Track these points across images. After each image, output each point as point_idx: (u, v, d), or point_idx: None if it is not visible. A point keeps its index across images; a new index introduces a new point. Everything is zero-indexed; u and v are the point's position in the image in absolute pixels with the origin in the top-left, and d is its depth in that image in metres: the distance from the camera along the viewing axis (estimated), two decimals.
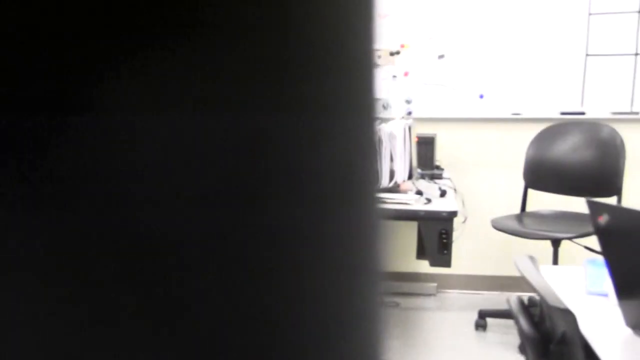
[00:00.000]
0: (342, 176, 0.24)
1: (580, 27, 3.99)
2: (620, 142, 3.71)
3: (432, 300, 4.21)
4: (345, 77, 0.24)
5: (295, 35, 0.22)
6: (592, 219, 1.23)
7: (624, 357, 1.19)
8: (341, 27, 0.24)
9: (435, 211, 2.78)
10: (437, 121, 4.14)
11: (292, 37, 0.22)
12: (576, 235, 3.41)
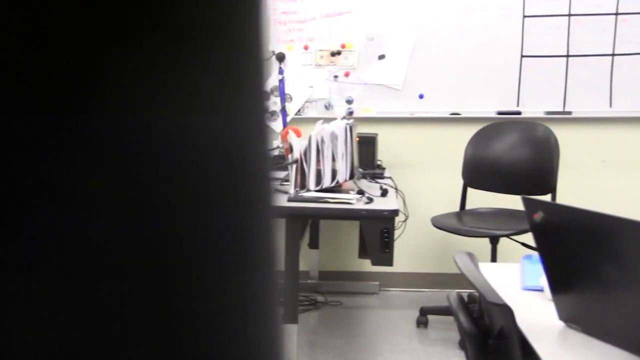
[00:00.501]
0: (232, 174, 0.24)
1: (516, 29, 4.07)
2: (554, 141, 3.81)
3: (375, 298, 4.25)
4: (232, 75, 0.24)
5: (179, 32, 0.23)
6: (527, 216, 1.26)
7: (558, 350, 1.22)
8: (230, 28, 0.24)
9: (376, 210, 2.80)
10: (378, 121, 4.18)
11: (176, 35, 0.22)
12: (513, 232, 3.48)
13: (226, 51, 0.24)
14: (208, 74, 0.23)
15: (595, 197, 4.16)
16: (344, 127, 3.09)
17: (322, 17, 4.16)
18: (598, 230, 1.14)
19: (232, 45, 0.25)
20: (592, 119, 4.12)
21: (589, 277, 1.19)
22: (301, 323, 3.23)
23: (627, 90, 4.05)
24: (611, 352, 1.15)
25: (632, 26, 4.02)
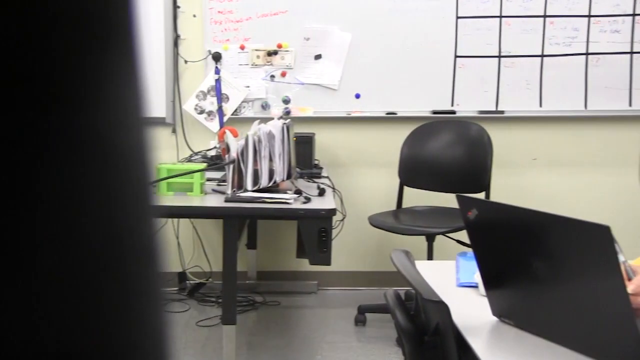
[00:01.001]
0: (110, 173, 0.24)
1: (449, 29, 4.14)
2: (487, 140, 3.89)
3: (313, 298, 4.26)
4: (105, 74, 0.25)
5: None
6: (462, 214, 1.29)
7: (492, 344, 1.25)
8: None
9: (314, 210, 2.81)
10: (315, 121, 4.19)
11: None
12: (449, 229, 3.54)
13: (98, 49, 0.24)
14: (76, 72, 0.23)
15: (527, 194, 4.26)
16: (281, 127, 3.09)
17: (258, 17, 4.15)
18: (529, 226, 1.17)
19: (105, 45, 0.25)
20: (523, 118, 4.22)
21: (520, 273, 1.22)
22: (239, 324, 3.22)
23: (556, 90, 4.17)
24: (542, 345, 1.19)
25: (559, 28, 4.13)
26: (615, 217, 4.05)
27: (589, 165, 4.30)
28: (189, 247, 4.31)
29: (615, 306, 1.05)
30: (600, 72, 4.15)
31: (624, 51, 4.13)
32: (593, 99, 4.17)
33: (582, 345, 1.14)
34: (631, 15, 4.11)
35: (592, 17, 4.12)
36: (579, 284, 1.11)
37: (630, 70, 4.14)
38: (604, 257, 1.02)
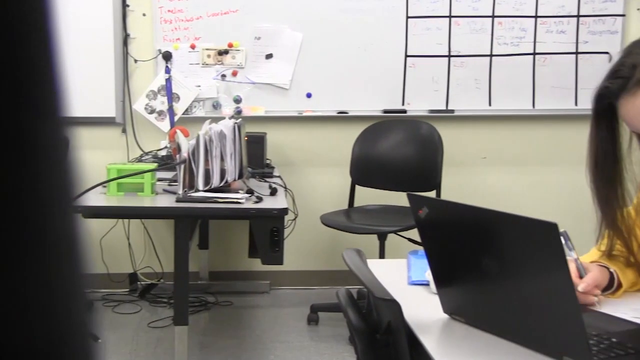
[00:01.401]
0: (28, 173, 0.24)
1: (400, 29, 4.17)
2: (438, 139, 3.92)
3: (265, 297, 4.25)
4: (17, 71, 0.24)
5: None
6: (413, 212, 1.30)
7: (443, 341, 1.26)
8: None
9: (266, 209, 2.80)
10: (266, 120, 4.18)
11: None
12: (400, 228, 3.56)
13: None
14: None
15: (477, 192, 4.31)
16: (233, 127, 3.07)
17: (208, 16, 4.12)
18: (479, 224, 1.18)
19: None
20: (473, 117, 4.28)
21: (470, 270, 1.23)
22: (192, 324, 3.19)
23: (505, 89, 4.23)
24: (492, 341, 1.20)
25: (507, 28, 4.19)
26: (563, 214, 4.13)
27: (537, 164, 4.37)
28: (140, 248, 4.26)
29: (563, 302, 1.07)
30: (547, 72, 4.23)
31: (570, 51, 4.22)
32: (541, 98, 4.25)
33: (530, 340, 1.16)
34: (576, 17, 4.20)
35: (539, 18, 4.19)
36: (527, 281, 1.13)
37: (576, 70, 4.23)
38: (552, 253, 1.04)
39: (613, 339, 1.16)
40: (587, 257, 1.51)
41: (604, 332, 1.18)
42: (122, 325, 3.76)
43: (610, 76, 1.34)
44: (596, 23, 4.21)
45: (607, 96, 1.36)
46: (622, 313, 1.32)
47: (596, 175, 1.44)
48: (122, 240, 4.22)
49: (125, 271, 4.26)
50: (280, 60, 4.16)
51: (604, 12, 4.20)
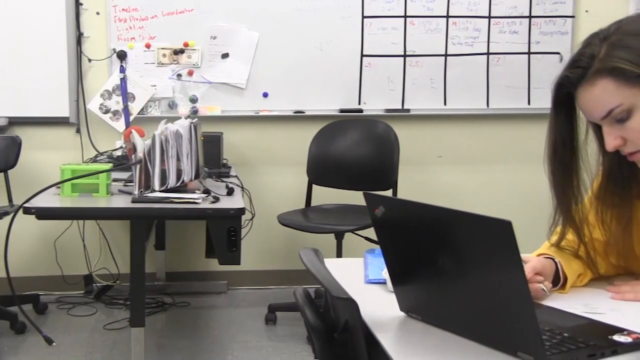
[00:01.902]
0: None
1: (355, 28, 4.19)
2: (394, 138, 3.95)
3: (223, 298, 4.23)
4: None
5: None
6: (369, 211, 1.30)
7: (400, 339, 1.27)
8: None
9: (223, 209, 2.78)
10: (223, 120, 4.16)
11: None
12: (357, 227, 3.58)
13: None
14: None
15: (433, 190, 4.36)
16: (189, 126, 3.05)
17: (163, 15, 4.08)
18: (434, 222, 1.20)
19: None
20: (428, 116, 4.32)
21: (426, 268, 1.24)
22: (148, 326, 3.16)
23: (460, 89, 4.28)
24: (448, 338, 1.22)
25: (461, 28, 4.24)
26: (517, 212, 4.20)
27: (491, 162, 4.43)
28: (96, 249, 4.21)
29: (517, 298, 1.08)
30: (500, 72, 4.29)
31: (522, 51, 4.29)
32: (494, 97, 4.31)
33: (485, 337, 1.17)
34: (527, 17, 4.27)
35: (492, 19, 4.25)
36: (482, 278, 1.15)
37: (529, 70, 4.30)
38: (506, 251, 1.06)
39: (565, 333, 1.18)
40: (538, 251, 1.54)
41: (556, 327, 1.20)
42: (77, 328, 3.70)
43: (570, 66, 1.37)
44: (547, 24, 4.29)
45: (566, 86, 1.38)
46: (574, 308, 1.35)
47: (554, 164, 1.46)
48: (76, 242, 4.17)
49: (80, 273, 4.20)
50: (236, 59, 4.14)
51: (555, 14, 4.28)
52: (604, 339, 1.17)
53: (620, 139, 1.35)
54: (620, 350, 1.14)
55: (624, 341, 1.16)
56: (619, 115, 1.32)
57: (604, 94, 1.32)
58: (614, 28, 1.34)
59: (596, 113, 1.35)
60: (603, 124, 1.37)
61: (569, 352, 1.11)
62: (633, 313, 1.34)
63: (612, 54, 1.31)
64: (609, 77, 1.31)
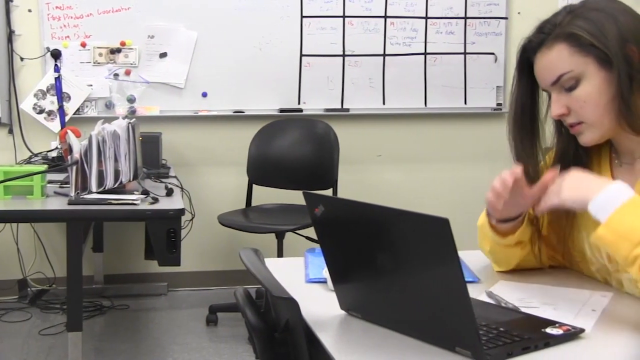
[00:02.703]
0: None
1: (295, 28, 4.20)
2: (334, 137, 3.98)
3: (163, 299, 4.19)
4: None
5: None
6: (309, 211, 1.31)
7: (340, 337, 1.28)
8: None
9: (162, 210, 2.76)
10: (161, 120, 4.12)
11: None
12: (298, 226, 3.59)
13: None
14: None
15: (373, 189, 4.39)
16: (126, 127, 3.02)
17: (99, 13, 4.01)
18: (373, 221, 1.21)
19: None
20: (367, 116, 4.36)
21: (366, 267, 1.26)
22: (86, 330, 3.10)
23: (398, 88, 4.33)
24: (388, 336, 1.23)
25: (399, 29, 4.29)
26: (454, 209, 4.27)
27: (429, 161, 4.50)
28: (30, 253, 4.11)
29: (454, 295, 1.10)
30: (438, 72, 4.35)
31: (458, 52, 4.36)
32: (432, 97, 4.37)
33: (424, 333, 1.19)
34: (463, 18, 4.34)
35: (429, 19, 4.31)
36: (421, 275, 1.16)
37: (465, 70, 4.38)
38: (444, 248, 1.07)
39: (501, 328, 1.21)
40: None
41: (493, 322, 1.23)
42: (11, 334, 3.61)
43: (535, 31, 1.43)
44: (482, 25, 4.37)
45: (527, 50, 1.44)
46: (509, 303, 1.38)
47: (514, 128, 1.50)
48: (10, 246, 4.06)
49: (13, 277, 4.10)
50: (174, 59, 4.10)
51: (489, 15, 4.37)
52: (537, 332, 1.20)
53: (565, 107, 1.40)
54: (552, 343, 1.18)
55: (555, 333, 1.20)
56: (568, 83, 1.37)
57: (558, 58, 1.38)
58: (581, 3, 1.40)
59: (548, 77, 1.40)
60: (552, 91, 1.41)
61: (504, 346, 1.14)
62: (564, 306, 1.38)
63: (572, 22, 1.38)
64: (565, 42, 1.38)
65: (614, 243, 1.26)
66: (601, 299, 1.41)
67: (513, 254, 1.54)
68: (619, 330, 1.27)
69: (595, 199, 1.28)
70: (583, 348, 1.18)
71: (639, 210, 1.25)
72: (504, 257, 1.56)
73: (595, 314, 1.34)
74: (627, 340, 1.25)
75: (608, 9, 1.38)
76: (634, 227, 1.24)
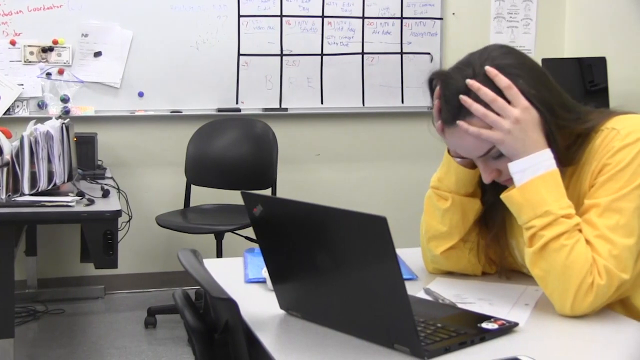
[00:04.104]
0: None
1: (232, 27, 4.17)
2: (272, 137, 3.97)
3: (100, 303, 4.12)
4: None
5: None
6: (247, 211, 1.31)
7: (280, 337, 1.29)
8: None
9: (98, 212, 2.72)
10: (97, 120, 4.04)
11: None
12: (237, 227, 3.57)
13: None
14: None
15: (312, 189, 4.41)
16: (60, 127, 2.96)
17: (29, 11, 3.91)
18: (312, 220, 1.21)
19: None
20: (306, 115, 4.36)
21: (305, 266, 1.26)
22: (19, 336, 3.03)
23: (336, 88, 4.35)
24: (328, 334, 1.24)
25: (336, 28, 4.31)
26: (393, 208, 4.31)
27: (368, 159, 4.53)
28: None
29: (392, 292, 1.11)
30: (375, 71, 4.39)
31: (395, 51, 4.41)
32: (370, 96, 4.40)
33: (363, 331, 1.20)
34: (399, 19, 4.39)
35: (366, 19, 4.34)
36: (359, 274, 1.17)
37: (401, 70, 4.42)
38: (382, 246, 1.08)
39: (438, 324, 1.23)
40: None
41: (430, 319, 1.25)
42: None
43: (451, 98, 1.37)
44: (418, 25, 4.43)
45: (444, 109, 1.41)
46: (446, 299, 1.40)
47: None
48: None
49: None
50: (109, 58, 4.03)
51: (424, 15, 4.43)
52: (474, 327, 1.22)
53: (496, 171, 1.42)
54: (488, 337, 1.20)
55: (491, 328, 1.22)
56: (496, 153, 1.38)
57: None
58: (478, 68, 1.36)
59: (474, 152, 1.39)
60: (477, 161, 1.42)
61: (442, 342, 1.16)
62: (499, 301, 1.41)
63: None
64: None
65: (520, 206, 1.35)
66: (534, 293, 1.45)
67: (465, 214, 1.52)
68: (551, 323, 1.30)
69: (521, 160, 1.35)
70: (517, 341, 1.21)
71: (552, 185, 1.34)
72: (456, 218, 1.53)
73: (528, 308, 1.37)
74: (559, 332, 1.28)
75: (508, 70, 1.36)
76: (542, 200, 1.33)
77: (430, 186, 1.56)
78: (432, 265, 1.61)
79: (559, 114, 1.37)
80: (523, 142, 1.34)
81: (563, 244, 1.30)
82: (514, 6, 4.51)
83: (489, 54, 1.38)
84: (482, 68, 1.36)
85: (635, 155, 1.34)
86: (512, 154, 1.35)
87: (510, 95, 1.34)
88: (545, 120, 1.36)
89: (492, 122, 1.34)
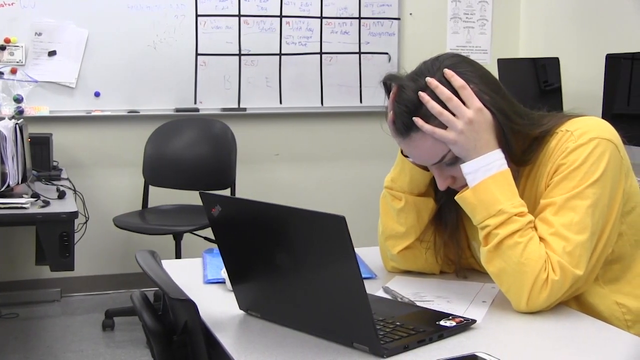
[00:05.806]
0: None
1: (189, 27, 4.15)
2: (231, 137, 3.96)
3: (56, 306, 4.06)
4: None
5: None
6: (206, 211, 1.30)
7: (240, 337, 1.28)
8: None
9: (53, 213, 2.69)
10: (52, 120, 3.98)
11: None
12: (196, 227, 3.55)
13: None
14: None
15: (271, 189, 4.40)
16: (13, 128, 2.91)
17: None
18: (271, 220, 1.22)
19: None
20: (265, 115, 4.36)
21: (264, 266, 1.26)
22: None
23: (294, 87, 4.35)
24: (288, 334, 1.24)
25: (295, 28, 4.31)
26: (352, 207, 4.33)
27: (326, 159, 4.54)
28: None
29: (351, 291, 1.12)
30: (333, 71, 4.40)
31: (353, 51, 4.42)
32: (328, 96, 4.41)
33: (323, 330, 1.21)
34: (357, 19, 4.41)
35: (324, 19, 4.35)
36: (318, 273, 1.18)
37: (360, 69, 4.44)
38: (340, 245, 1.09)
39: (397, 322, 1.24)
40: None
41: (389, 317, 1.26)
42: None
43: (405, 107, 1.38)
44: (376, 25, 4.45)
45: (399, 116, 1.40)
46: (405, 298, 1.42)
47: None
48: None
49: None
50: (64, 57, 3.97)
51: (382, 15, 4.45)
52: (432, 325, 1.23)
53: (450, 178, 1.43)
54: (446, 334, 1.21)
55: (449, 325, 1.24)
56: (450, 160, 1.40)
57: (434, 143, 1.37)
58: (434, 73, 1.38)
59: (429, 160, 1.41)
60: (432, 168, 1.44)
61: (401, 340, 1.17)
62: (457, 299, 1.43)
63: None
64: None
65: (474, 207, 1.38)
66: (491, 290, 1.47)
67: (419, 213, 1.54)
68: (507, 320, 1.33)
69: (473, 161, 1.36)
70: (475, 338, 1.22)
71: (504, 185, 1.36)
72: (411, 218, 1.53)
73: (485, 305, 1.39)
74: (515, 328, 1.30)
75: (463, 75, 1.37)
76: (495, 199, 1.35)
77: (384, 186, 1.57)
78: (390, 264, 1.62)
79: (513, 119, 1.40)
80: (475, 143, 1.36)
81: (517, 241, 1.32)
82: (470, 7, 4.56)
83: (441, 63, 1.40)
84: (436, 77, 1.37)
85: (588, 155, 1.36)
86: (464, 155, 1.37)
87: (464, 96, 1.36)
88: (499, 123, 1.38)
89: (446, 121, 1.35)
